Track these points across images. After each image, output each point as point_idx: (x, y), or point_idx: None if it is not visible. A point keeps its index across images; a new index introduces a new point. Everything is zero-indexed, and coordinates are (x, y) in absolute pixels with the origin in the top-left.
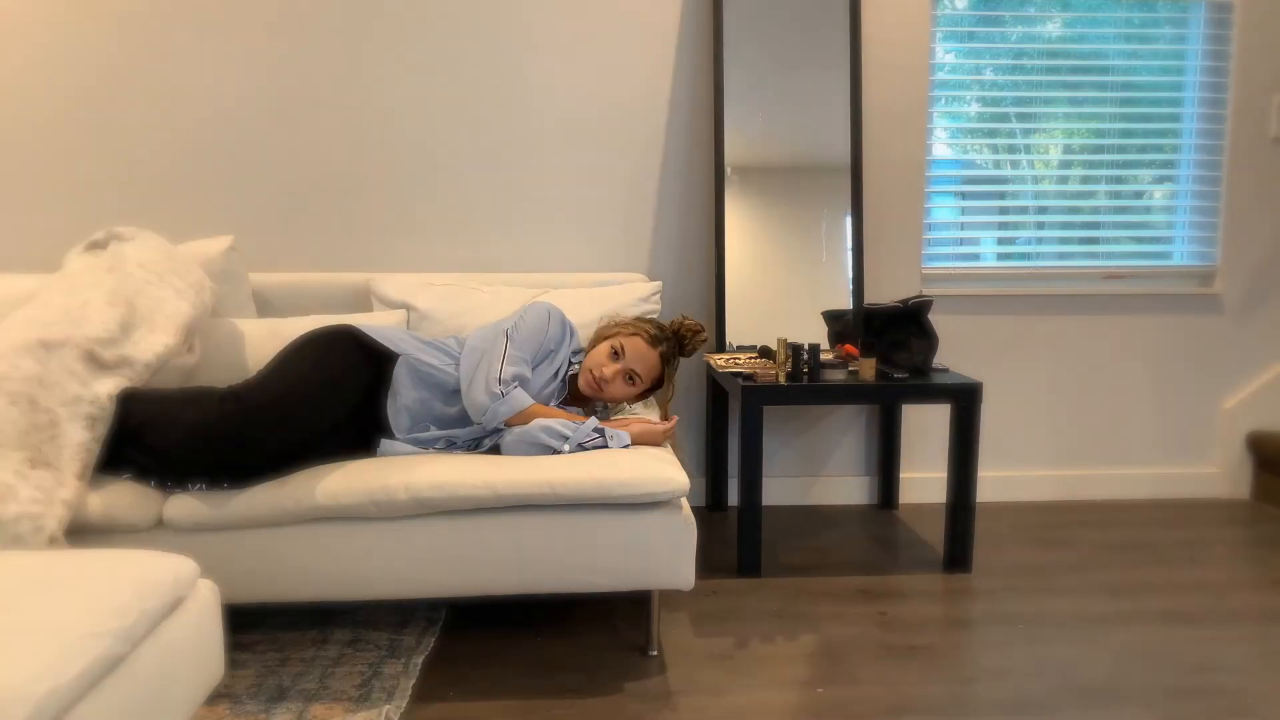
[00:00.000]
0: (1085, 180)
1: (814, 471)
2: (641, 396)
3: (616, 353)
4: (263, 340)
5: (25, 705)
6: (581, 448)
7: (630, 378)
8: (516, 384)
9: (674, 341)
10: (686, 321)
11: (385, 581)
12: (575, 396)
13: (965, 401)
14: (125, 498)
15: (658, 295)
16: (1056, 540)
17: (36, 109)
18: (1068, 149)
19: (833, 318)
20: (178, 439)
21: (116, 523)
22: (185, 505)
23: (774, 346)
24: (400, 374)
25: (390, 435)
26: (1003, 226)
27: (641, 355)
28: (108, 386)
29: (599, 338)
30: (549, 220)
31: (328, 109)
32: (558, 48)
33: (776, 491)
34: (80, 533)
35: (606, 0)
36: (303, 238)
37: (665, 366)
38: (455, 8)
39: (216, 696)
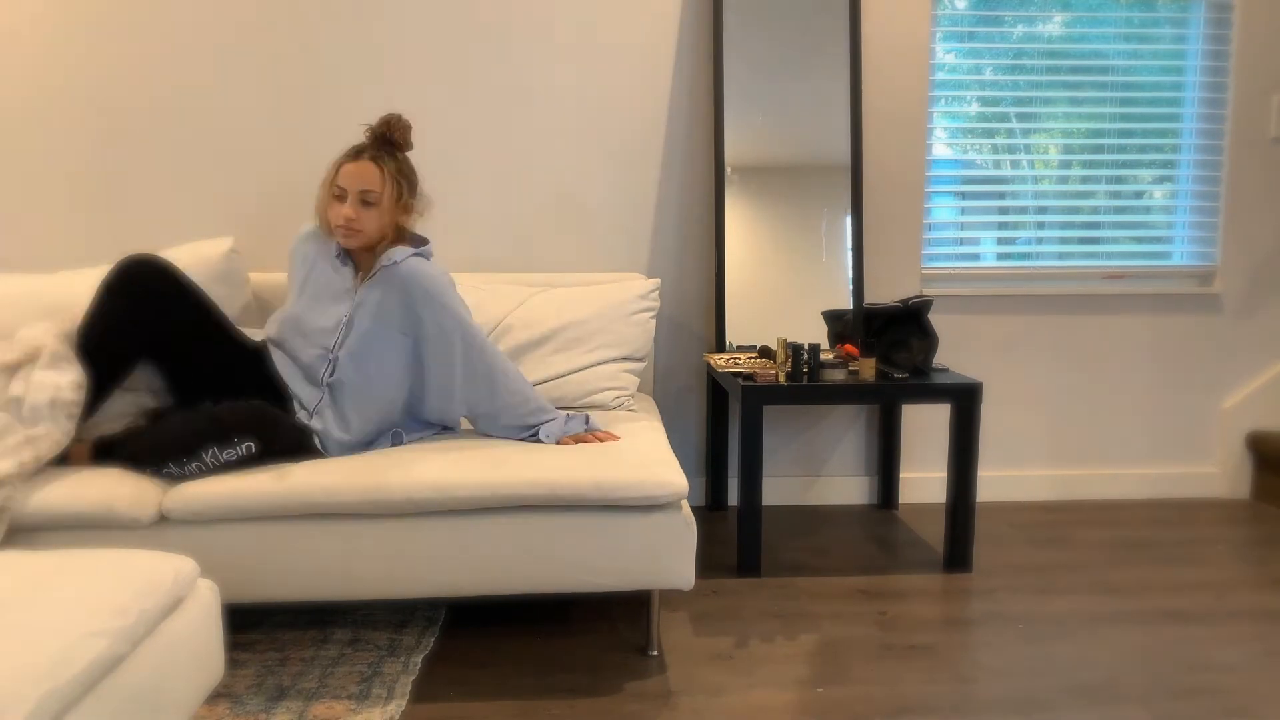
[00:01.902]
0: (1085, 180)
1: (814, 471)
2: (403, 209)
3: (338, 192)
4: None
5: (25, 705)
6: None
7: (366, 201)
8: None
9: (379, 143)
10: (384, 119)
11: (385, 581)
12: (358, 262)
13: (965, 401)
14: (124, 494)
15: (655, 292)
16: (1056, 540)
17: (37, 110)
18: (1067, 149)
19: (833, 318)
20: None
21: (116, 519)
22: (185, 496)
23: (774, 346)
24: None
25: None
26: (1002, 226)
27: (358, 174)
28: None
29: (321, 195)
30: (548, 220)
31: (328, 109)
32: (558, 47)
33: (776, 491)
34: (80, 530)
35: (607, 1)
36: None
37: (385, 167)
38: (455, 8)
39: (216, 696)
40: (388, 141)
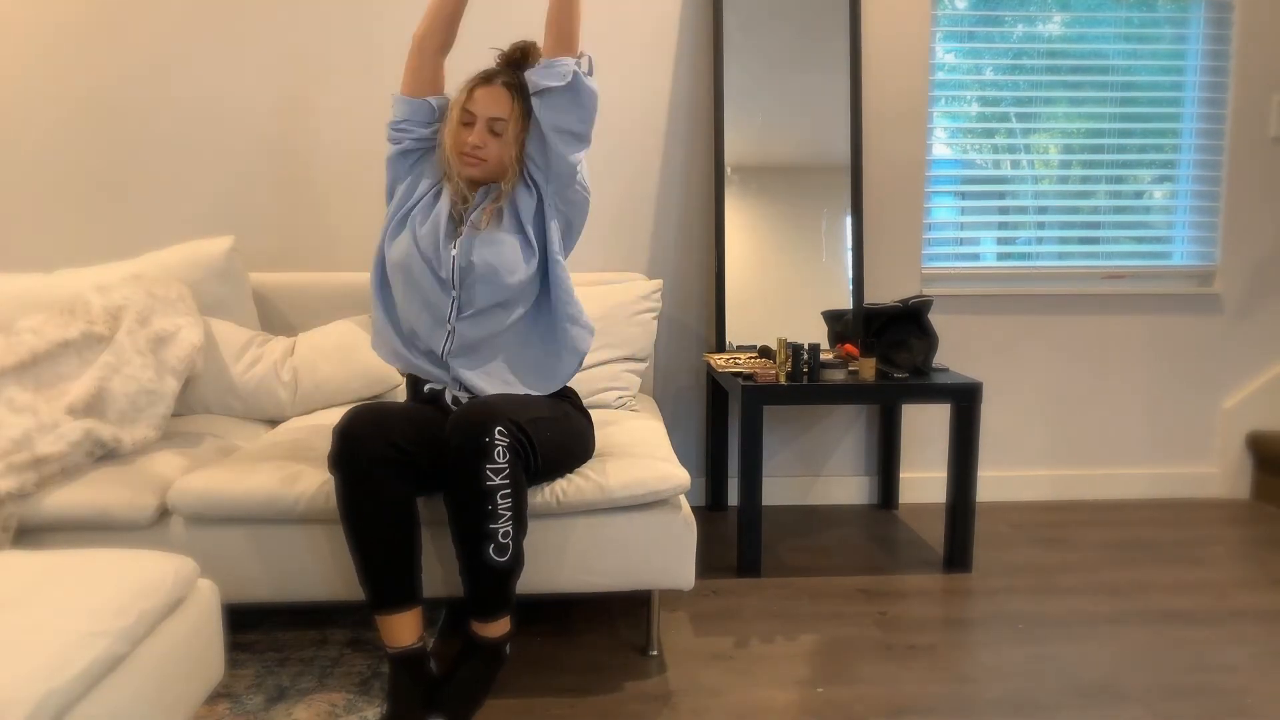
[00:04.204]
0: (1085, 180)
1: (814, 471)
2: (524, 130)
3: (467, 118)
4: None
5: (25, 705)
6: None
7: (494, 129)
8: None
9: (513, 69)
10: (518, 43)
11: None
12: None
13: (965, 401)
14: (121, 495)
15: (658, 293)
16: (1056, 540)
17: (37, 110)
18: (1067, 149)
19: (833, 318)
20: None
21: (113, 520)
22: (187, 493)
23: (774, 346)
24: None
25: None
26: (1003, 226)
27: (490, 99)
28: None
29: (446, 124)
30: None
31: (328, 108)
32: None
33: (776, 491)
34: (80, 532)
35: (607, 1)
36: (303, 238)
37: (516, 98)
38: None
39: (216, 696)
40: (521, 68)
